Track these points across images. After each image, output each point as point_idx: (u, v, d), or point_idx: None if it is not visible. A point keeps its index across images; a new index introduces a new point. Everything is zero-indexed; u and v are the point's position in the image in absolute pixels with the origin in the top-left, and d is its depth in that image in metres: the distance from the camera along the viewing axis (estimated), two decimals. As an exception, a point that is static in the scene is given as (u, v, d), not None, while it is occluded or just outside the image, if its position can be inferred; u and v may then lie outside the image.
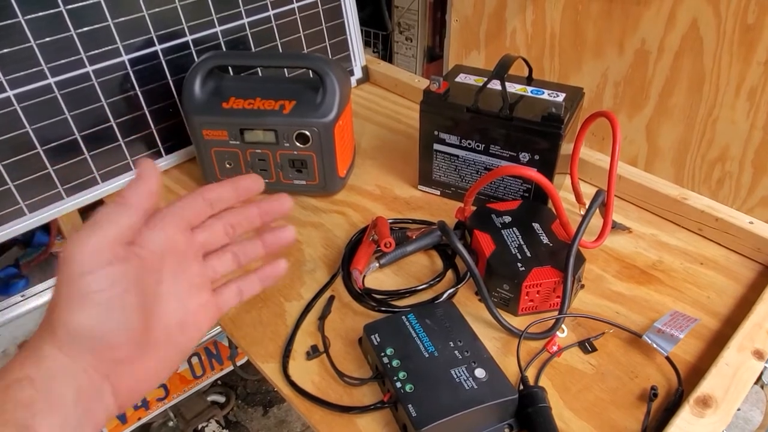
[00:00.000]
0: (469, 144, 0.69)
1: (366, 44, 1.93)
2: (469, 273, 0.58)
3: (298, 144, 0.70)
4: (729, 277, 0.62)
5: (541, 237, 0.60)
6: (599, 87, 1.09)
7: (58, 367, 0.31)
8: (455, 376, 0.47)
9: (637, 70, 1.02)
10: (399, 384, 0.47)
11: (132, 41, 0.72)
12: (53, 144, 0.68)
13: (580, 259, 0.58)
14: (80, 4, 0.66)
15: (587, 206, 0.60)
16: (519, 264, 0.56)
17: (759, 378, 0.50)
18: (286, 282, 0.63)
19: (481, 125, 0.66)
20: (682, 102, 0.99)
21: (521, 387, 0.49)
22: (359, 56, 0.98)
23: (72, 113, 0.69)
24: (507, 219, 0.63)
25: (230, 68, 0.81)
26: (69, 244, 0.32)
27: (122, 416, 1.17)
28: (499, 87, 0.64)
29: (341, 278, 0.62)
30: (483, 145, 0.68)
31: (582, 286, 0.61)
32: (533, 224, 0.62)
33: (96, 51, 0.69)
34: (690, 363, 0.53)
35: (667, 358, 0.52)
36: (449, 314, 0.53)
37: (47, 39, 0.65)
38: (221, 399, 1.46)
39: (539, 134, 0.64)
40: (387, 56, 1.94)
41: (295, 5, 0.87)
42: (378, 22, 1.88)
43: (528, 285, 0.55)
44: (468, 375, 0.47)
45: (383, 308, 0.58)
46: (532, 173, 0.58)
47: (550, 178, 0.64)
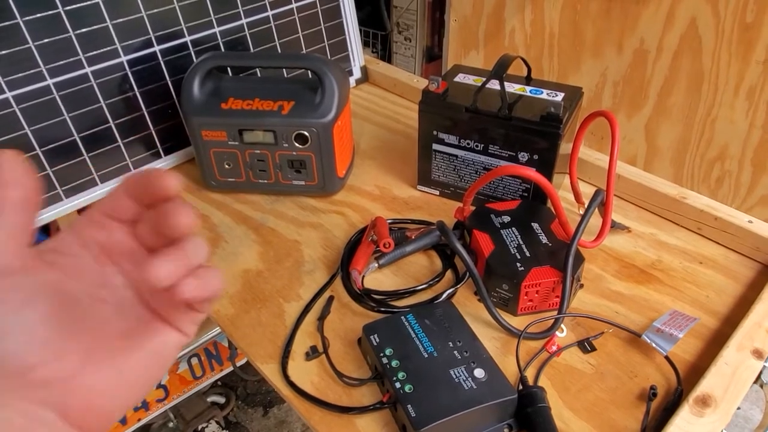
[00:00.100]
0: (468, 144, 0.69)
1: (365, 44, 1.93)
2: (468, 273, 0.58)
3: (297, 144, 0.70)
4: (728, 276, 0.62)
5: (540, 237, 0.60)
6: (598, 86, 1.09)
7: None
8: (454, 377, 0.47)
9: (636, 70, 1.02)
10: (398, 384, 0.47)
11: (131, 42, 0.72)
12: (52, 145, 0.68)
13: (579, 259, 0.58)
14: (79, 6, 0.66)
15: (586, 206, 0.60)
16: (518, 264, 0.57)
17: (758, 377, 0.50)
18: (285, 283, 0.63)
19: (480, 125, 0.66)
20: (681, 101, 0.99)
21: (520, 387, 0.49)
22: (358, 56, 0.98)
23: (71, 114, 0.69)
24: (506, 219, 0.63)
25: (229, 69, 0.81)
26: None
27: (122, 417, 1.17)
28: (498, 87, 0.64)
29: (340, 279, 0.62)
30: (482, 145, 0.68)
31: (581, 286, 0.61)
32: (532, 224, 0.62)
33: (95, 52, 0.69)
34: (689, 362, 0.53)
35: (667, 358, 0.52)
36: (448, 314, 0.53)
37: (46, 40, 0.65)
38: (221, 400, 1.46)
39: (538, 134, 0.64)
40: (386, 56, 1.94)
41: (294, 5, 0.87)
42: (377, 22, 1.88)
43: (527, 285, 0.55)
44: (467, 375, 0.47)
45: (382, 308, 0.58)
46: (531, 173, 0.58)
47: (549, 178, 0.64)
